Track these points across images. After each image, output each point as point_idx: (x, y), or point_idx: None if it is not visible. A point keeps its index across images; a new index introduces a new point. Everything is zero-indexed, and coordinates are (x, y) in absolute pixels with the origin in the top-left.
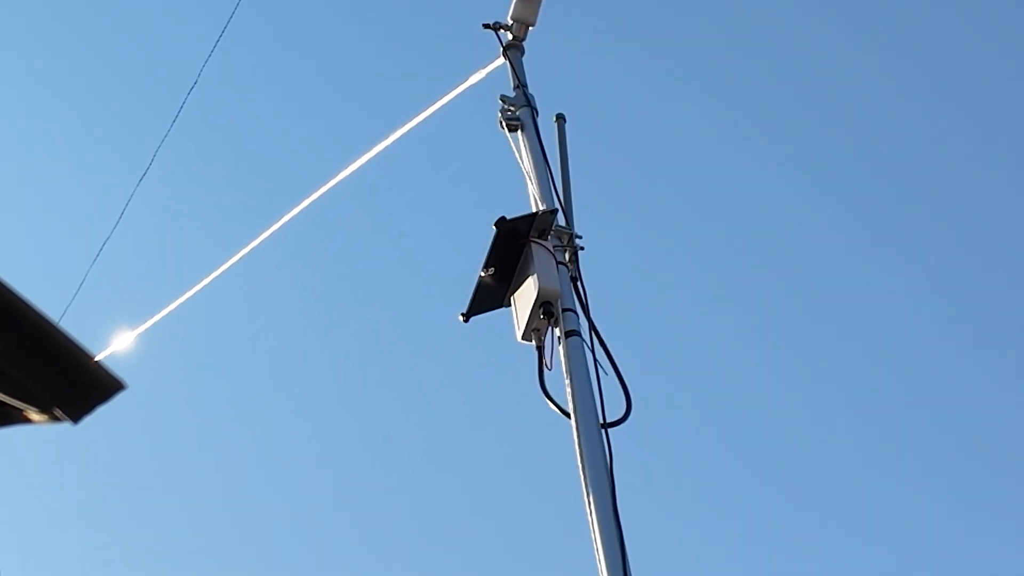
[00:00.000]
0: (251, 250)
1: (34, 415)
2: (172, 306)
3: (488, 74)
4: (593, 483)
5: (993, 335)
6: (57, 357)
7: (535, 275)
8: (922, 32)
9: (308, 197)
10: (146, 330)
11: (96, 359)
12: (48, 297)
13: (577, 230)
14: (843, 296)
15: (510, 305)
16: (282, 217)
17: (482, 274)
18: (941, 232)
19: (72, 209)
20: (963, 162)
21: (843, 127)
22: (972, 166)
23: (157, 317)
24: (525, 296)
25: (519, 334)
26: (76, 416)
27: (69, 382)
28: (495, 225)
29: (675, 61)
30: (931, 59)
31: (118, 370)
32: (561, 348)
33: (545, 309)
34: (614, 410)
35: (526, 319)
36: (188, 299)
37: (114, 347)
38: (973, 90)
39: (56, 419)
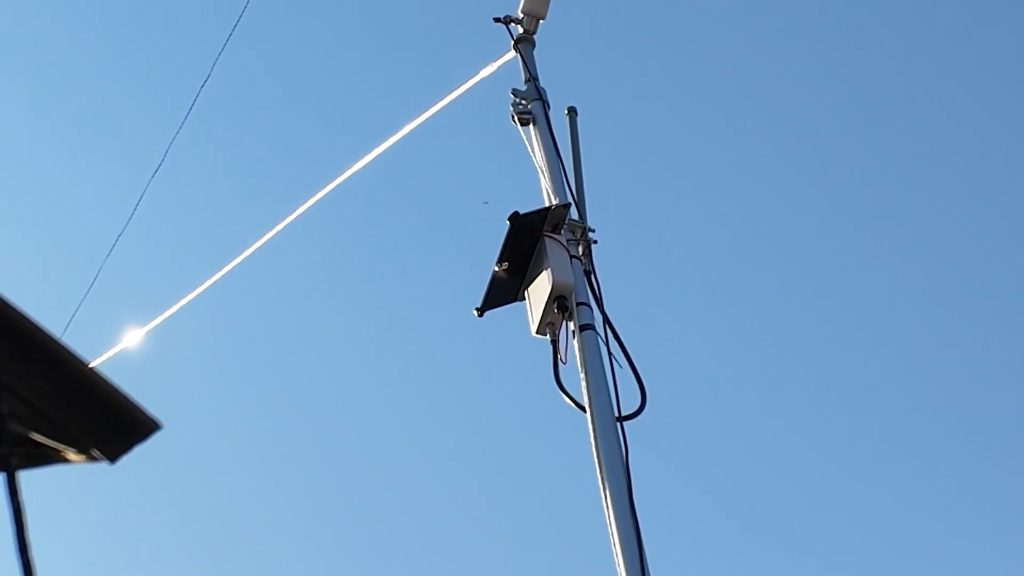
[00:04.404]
0: (263, 245)
1: (72, 455)
2: (185, 300)
3: (499, 68)
4: (609, 476)
5: (1010, 330)
6: (95, 399)
7: (549, 269)
8: (943, 27)
9: (320, 191)
10: (160, 324)
11: (133, 400)
12: (62, 294)
13: (590, 224)
14: (858, 292)
15: (524, 299)
16: (294, 211)
17: (496, 268)
18: (960, 230)
19: (85, 205)
20: (978, 159)
21: (860, 122)
22: (986, 163)
23: (170, 312)
24: (539, 290)
25: (533, 328)
26: (114, 456)
27: (107, 423)
28: (508, 220)
29: (686, 53)
30: (955, 56)
31: (130, 366)
32: (576, 342)
33: (559, 303)
34: (629, 403)
35: (540, 313)
36: (201, 293)
37: (124, 343)
38: (991, 87)
39: (94, 459)
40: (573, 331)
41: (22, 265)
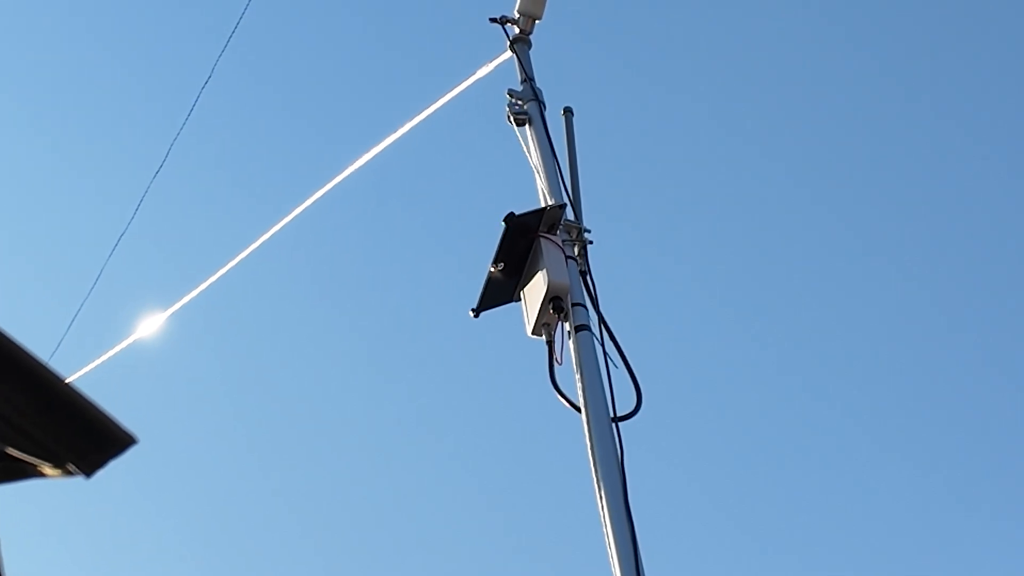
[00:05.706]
0: (262, 245)
1: (48, 470)
2: (184, 301)
3: (495, 68)
4: (604, 477)
5: (1005, 331)
6: (71, 413)
7: (544, 270)
8: (941, 28)
9: (318, 191)
10: (167, 318)
11: (108, 414)
12: (63, 294)
13: (586, 224)
14: (854, 290)
15: (520, 300)
16: (292, 211)
17: (492, 269)
18: (959, 231)
19: (87, 205)
20: (977, 160)
21: (855, 122)
22: (985, 164)
23: (181, 303)
24: (535, 291)
25: (529, 329)
26: (90, 471)
27: (83, 438)
28: (504, 221)
29: (682, 53)
30: (953, 57)
31: (141, 355)
32: (571, 343)
33: (555, 304)
34: (624, 404)
35: (536, 314)
36: (200, 293)
37: (140, 332)
38: (990, 88)
39: (69, 473)
40: (569, 332)
41: (24, 265)
